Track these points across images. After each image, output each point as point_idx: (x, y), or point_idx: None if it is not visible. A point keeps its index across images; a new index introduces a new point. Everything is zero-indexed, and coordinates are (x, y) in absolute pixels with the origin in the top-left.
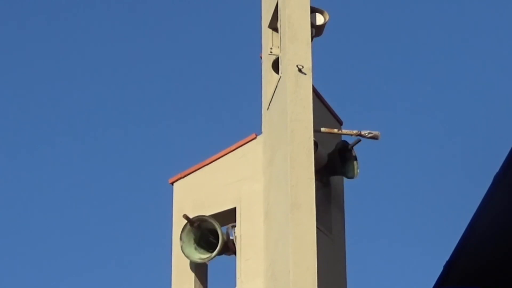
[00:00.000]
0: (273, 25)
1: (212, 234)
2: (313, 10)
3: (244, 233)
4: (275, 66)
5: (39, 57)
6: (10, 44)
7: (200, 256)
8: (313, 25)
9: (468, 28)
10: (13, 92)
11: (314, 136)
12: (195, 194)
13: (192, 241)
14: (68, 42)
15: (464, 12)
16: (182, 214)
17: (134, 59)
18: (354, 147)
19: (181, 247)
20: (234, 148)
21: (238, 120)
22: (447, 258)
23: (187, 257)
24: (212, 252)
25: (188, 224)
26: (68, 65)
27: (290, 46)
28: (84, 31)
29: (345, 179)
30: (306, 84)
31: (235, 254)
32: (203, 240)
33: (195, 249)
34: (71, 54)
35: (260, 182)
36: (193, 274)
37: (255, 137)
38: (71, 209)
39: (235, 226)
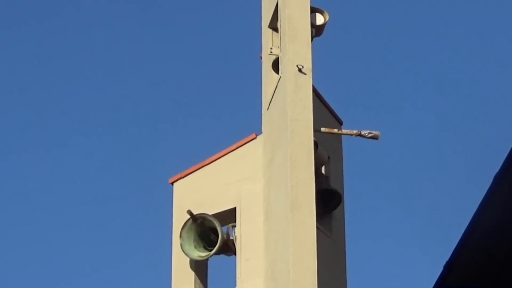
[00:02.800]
0: (273, 25)
1: (213, 233)
2: (313, 10)
3: (244, 233)
4: (275, 66)
5: (39, 57)
6: (10, 44)
7: (199, 254)
8: (313, 25)
9: (468, 28)
10: (13, 93)
11: (314, 136)
12: (195, 194)
13: (192, 239)
14: (69, 42)
15: (464, 12)
16: (186, 210)
17: (134, 59)
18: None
19: (181, 244)
20: (234, 148)
21: (238, 120)
22: (447, 258)
23: (186, 254)
24: (211, 250)
25: (190, 220)
26: (69, 65)
27: (290, 46)
28: (84, 32)
29: (345, 179)
30: (306, 84)
31: (235, 254)
32: (203, 238)
33: (195, 247)
34: (71, 54)
35: (260, 182)
36: (193, 274)
37: (255, 137)
38: (71, 209)
39: (235, 226)
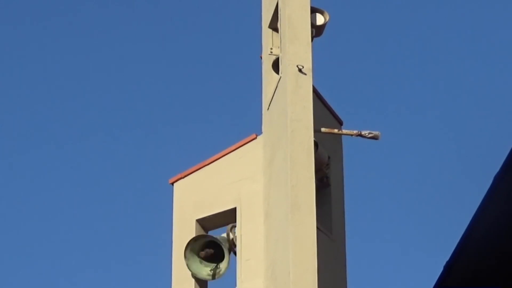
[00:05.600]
0: (273, 25)
1: (215, 247)
2: (313, 10)
3: (244, 233)
4: (275, 66)
5: (40, 57)
6: (11, 44)
7: (207, 271)
8: (313, 25)
9: (468, 28)
10: (14, 93)
11: (314, 136)
12: (195, 194)
13: (197, 256)
14: (69, 43)
15: (464, 12)
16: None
17: (134, 60)
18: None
19: (187, 264)
20: (234, 148)
21: (238, 120)
22: (447, 258)
23: (195, 274)
24: (218, 262)
25: (192, 240)
26: (70, 66)
27: (290, 46)
28: (84, 32)
29: (345, 179)
30: (306, 84)
31: (235, 254)
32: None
33: (200, 262)
34: (72, 55)
35: (260, 182)
36: None
37: (255, 137)
38: (71, 209)
39: (235, 226)
